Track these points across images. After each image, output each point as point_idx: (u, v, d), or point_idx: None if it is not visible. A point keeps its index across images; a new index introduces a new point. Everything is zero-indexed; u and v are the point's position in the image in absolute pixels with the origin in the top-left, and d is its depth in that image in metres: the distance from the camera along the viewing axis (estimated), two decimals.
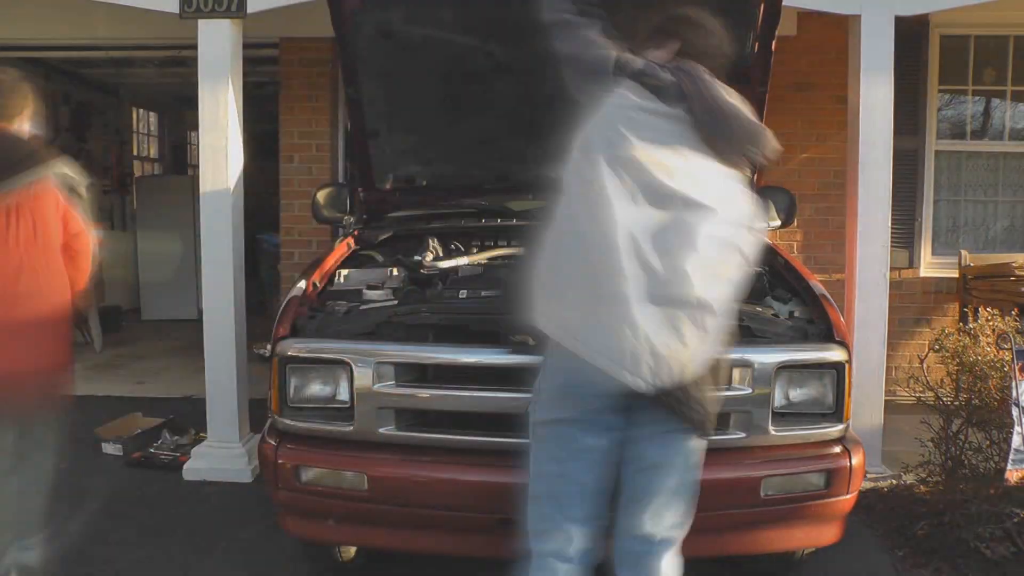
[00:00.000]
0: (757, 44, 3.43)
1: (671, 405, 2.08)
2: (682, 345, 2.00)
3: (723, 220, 2.05)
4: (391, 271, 3.34)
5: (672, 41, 2.26)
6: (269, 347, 2.81)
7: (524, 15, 3.33)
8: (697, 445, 2.24)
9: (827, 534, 2.87)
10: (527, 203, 3.75)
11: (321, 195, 4.07)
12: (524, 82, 3.67)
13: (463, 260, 3.41)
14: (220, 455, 4.39)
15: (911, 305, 6.00)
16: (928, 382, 3.84)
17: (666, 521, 2.22)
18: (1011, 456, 3.42)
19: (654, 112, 2.10)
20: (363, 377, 2.69)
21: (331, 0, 3.30)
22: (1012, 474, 3.42)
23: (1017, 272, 5.30)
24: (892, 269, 4.53)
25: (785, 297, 3.13)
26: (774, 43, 3.39)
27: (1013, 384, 3.44)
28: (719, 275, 2.05)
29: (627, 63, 2.16)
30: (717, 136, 2.09)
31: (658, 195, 2.03)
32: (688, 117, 2.09)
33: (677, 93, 2.11)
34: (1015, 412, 3.42)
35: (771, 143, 2.17)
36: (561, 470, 2.19)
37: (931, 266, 6.09)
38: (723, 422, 2.72)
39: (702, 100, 2.09)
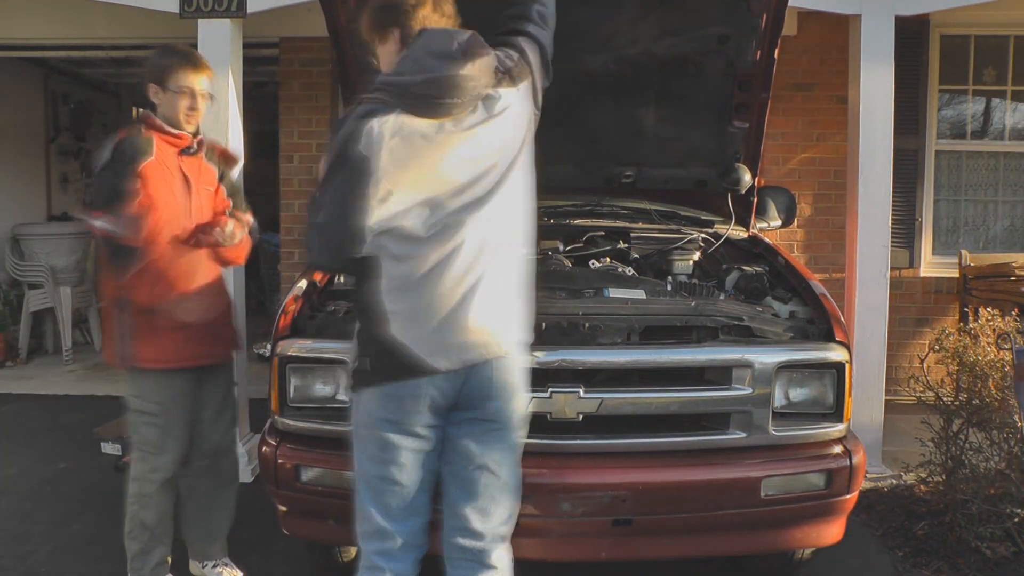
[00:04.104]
0: (759, 53, 3.42)
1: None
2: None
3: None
4: None
5: (392, 31, 2.25)
6: (269, 347, 2.81)
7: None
8: (519, 442, 2.27)
9: (828, 534, 2.87)
10: None
11: None
12: None
13: None
14: None
15: (911, 305, 6.00)
16: (928, 382, 3.84)
17: (496, 518, 2.24)
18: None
19: (375, 121, 2.11)
20: None
21: (325, 7, 3.29)
22: None
23: (1017, 272, 5.29)
24: (892, 269, 4.54)
25: (785, 297, 3.13)
26: (777, 50, 3.38)
27: (1014, 384, 3.43)
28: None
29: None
30: (408, 105, 2.11)
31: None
32: (393, 101, 2.11)
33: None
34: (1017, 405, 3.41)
35: (462, 76, 2.10)
36: (380, 471, 2.21)
37: (931, 266, 6.08)
38: (723, 422, 2.73)
39: (390, 84, 2.14)
